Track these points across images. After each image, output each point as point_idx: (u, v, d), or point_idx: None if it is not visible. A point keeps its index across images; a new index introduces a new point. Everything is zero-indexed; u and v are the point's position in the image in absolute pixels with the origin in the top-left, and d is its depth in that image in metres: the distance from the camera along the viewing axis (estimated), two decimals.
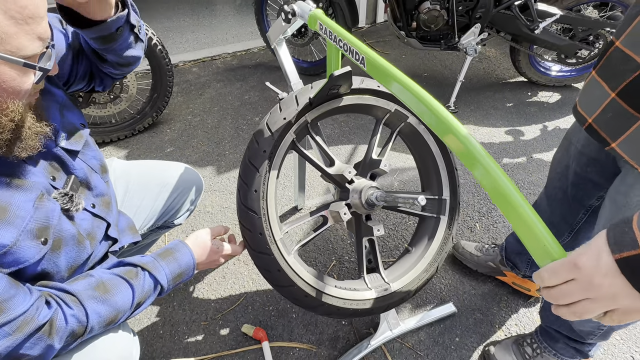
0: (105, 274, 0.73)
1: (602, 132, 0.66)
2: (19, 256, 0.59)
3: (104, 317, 0.69)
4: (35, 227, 0.61)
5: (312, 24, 0.85)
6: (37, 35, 0.51)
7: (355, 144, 2.03)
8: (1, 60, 0.47)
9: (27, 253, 0.59)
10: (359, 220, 1.03)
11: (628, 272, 0.39)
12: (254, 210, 0.88)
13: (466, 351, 1.19)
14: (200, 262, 0.89)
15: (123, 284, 0.73)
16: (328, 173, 0.99)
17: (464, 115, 2.22)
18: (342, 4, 2.09)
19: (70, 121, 0.74)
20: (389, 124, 1.09)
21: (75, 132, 0.74)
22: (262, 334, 1.21)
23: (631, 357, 1.16)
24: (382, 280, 1.04)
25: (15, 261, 0.59)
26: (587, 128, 0.70)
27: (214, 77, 2.63)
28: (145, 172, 1.10)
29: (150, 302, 0.79)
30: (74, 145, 0.73)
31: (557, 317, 0.96)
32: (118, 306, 0.71)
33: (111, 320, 0.71)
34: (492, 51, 2.84)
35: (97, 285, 0.70)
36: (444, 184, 1.10)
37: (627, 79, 0.59)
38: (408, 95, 0.64)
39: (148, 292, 0.77)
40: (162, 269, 0.80)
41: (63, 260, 0.68)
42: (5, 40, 0.47)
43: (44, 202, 0.63)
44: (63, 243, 0.66)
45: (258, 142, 0.90)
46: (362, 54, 0.71)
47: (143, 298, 0.76)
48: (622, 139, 0.63)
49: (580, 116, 0.73)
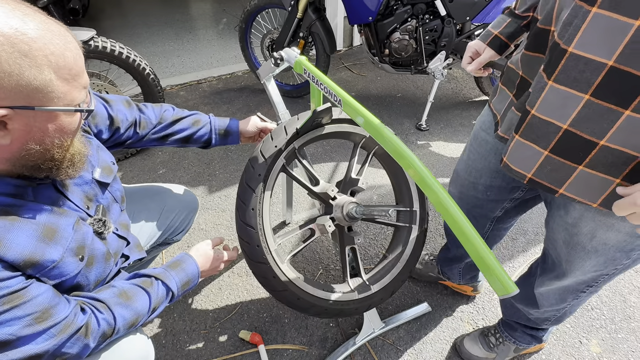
0: (125, 284, 0.86)
1: (545, 183, 0.71)
2: (63, 270, 0.71)
3: (128, 321, 0.81)
4: (75, 246, 0.73)
5: (297, 68, 1.01)
6: (82, 86, 0.63)
7: (337, 162, 2.20)
8: (62, 112, 0.61)
9: (68, 268, 0.72)
10: (342, 232, 1.19)
11: None
12: (251, 225, 1.03)
13: (440, 344, 1.35)
14: (204, 270, 1.02)
15: (141, 292, 0.85)
16: (314, 191, 1.14)
17: (434, 133, 2.43)
18: (321, 34, 2.29)
19: (103, 158, 0.88)
20: (365, 147, 1.26)
21: (107, 167, 0.88)
22: (258, 338, 1.33)
23: (579, 341, 1.34)
24: (364, 283, 1.19)
25: (60, 274, 0.70)
26: (529, 182, 0.73)
27: (202, 100, 2.77)
28: (146, 194, 1.23)
29: (164, 307, 0.91)
30: (105, 178, 0.86)
31: (514, 310, 1.14)
32: (138, 311, 0.83)
33: (133, 323, 0.83)
34: (458, 72, 3.10)
35: (120, 294, 0.82)
36: (414, 197, 1.27)
37: (554, 140, 0.65)
38: (374, 131, 0.82)
39: (162, 298, 0.89)
40: (172, 278, 0.92)
41: (93, 275, 0.80)
42: (62, 98, 0.59)
43: (80, 226, 0.75)
44: (95, 260, 0.79)
45: (254, 167, 1.05)
46: (339, 96, 0.88)
47: (158, 303, 0.88)
48: (567, 185, 0.68)
49: (518, 173, 0.75)
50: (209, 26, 4.16)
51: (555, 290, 0.98)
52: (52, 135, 0.61)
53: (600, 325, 1.38)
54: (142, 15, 4.45)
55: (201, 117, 1.15)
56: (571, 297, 0.96)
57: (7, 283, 0.60)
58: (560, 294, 0.97)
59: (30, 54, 0.53)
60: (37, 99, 0.56)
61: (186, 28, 4.09)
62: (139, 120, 1.05)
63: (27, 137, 0.59)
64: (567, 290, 0.95)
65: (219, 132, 1.15)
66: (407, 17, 2.17)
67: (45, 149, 0.62)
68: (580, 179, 0.66)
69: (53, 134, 0.61)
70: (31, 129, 0.58)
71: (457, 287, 1.48)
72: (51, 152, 0.63)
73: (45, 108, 0.57)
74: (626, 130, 0.57)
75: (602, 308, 1.44)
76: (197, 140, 1.14)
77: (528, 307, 1.08)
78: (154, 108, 1.09)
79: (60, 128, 0.62)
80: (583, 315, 1.42)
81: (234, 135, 1.16)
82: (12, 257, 0.61)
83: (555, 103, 0.63)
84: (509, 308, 1.18)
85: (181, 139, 1.12)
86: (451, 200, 0.70)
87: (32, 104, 0.56)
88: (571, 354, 1.30)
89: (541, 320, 1.10)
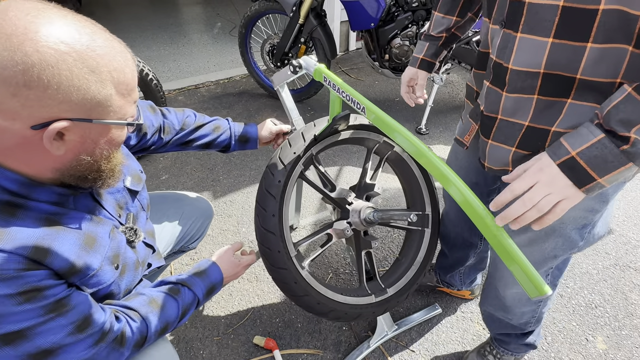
0: (154, 292, 0.86)
1: None
2: (100, 279, 0.71)
3: (158, 328, 0.81)
4: (112, 255, 0.73)
5: (317, 76, 1.03)
6: (133, 100, 0.65)
7: (340, 166, 2.23)
8: (114, 125, 0.62)
9: (106, 276, 0.72)
10: (358, 236, 1.21)
11: (566, 171, 0.60)
12: (272, 231, 1.04)
13: (452, 345, 1.37)
14: (227, 276, 1.02)
15: (170, 299, 0.85)
16: (331, 197, 1.16)
17: (434, 136, 2.47)
18: (322, 39, 2.31)
19: (132, 167, 0.89)
20: (378, 153, 1.28)
21: (136, 175, 0.89)
22: (273, 344, 1.34)
23: (585, 339, 1.38)
24: (380, 286, 1.21)
25: (97, 283, 0.71)
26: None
27: (201, 105, 2.76)
28: (164, 201, 1.23)
29: (191, 314, 0.91)
30: (135, 186, 0.87)
31: (497, 321, 1.16)
32: (167, 318, 0.83)
33: (163, 331, 0.83)
34: (455, 77, 3.16)
35: (150, 301, 0.82)
36: (426, 201, 1.30)
37: (519, 136, 0.75)
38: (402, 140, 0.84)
39: (189, 305, 0.89)
40: (197, 285, 0.92)
41: (124, 284, 0.80)
42: (117, 112, 0.60)
43: (115, 234, 0.76)
44: (127, 268, 0.79)
45: (273, 174, 1.06)
46: (363, 104, 0.89)
47: (186, 310, 0.88)
48: None
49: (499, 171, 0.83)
50: (203, 30, 4.15)
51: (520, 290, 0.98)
52: (102, 147, 0.63)
53: (605, 323, 1.43)
54: (135, 19, 4.41)
55: (221, 123, 1.17)
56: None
57: (54, 291, 0.60)
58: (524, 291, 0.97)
59: (97, 70, 0.55)
60: (96, 112, 0.58)
61: (180, 32, 4.07)
62: (163, 126, 1.06)
63: (80, 148, 0.60)
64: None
65: (239, 138, 1.18)
66: (408, 24, 2.21)
67: (95, 160, 0.63)
68: None
69: (103, 145, 0.62)
70: (85, 140, 0.60)
71: (455, 293, 1.51)
72: (99, 163, 0.64)
73: (101, 121, 0.59)
74: (570, 116, 0.68)
75: (605, 306, 1.49)
76: (217, 146, 1.17)
77: (505, 313, 1.10)
78: (176, 113, 1.11)
79: (110, 140, 0.63)
80: (588, 313, 1.46)
81: (252, 141, 1.19)
82: (58, 265, 0.61)
83: (513, 107, 0.73)
84: (490, 322, 1.21)
85: (203, 144, 1.14)
86: (480, 203, 0.73)
87: (90, 116, 0.57)
88: (579, 351, 1.34)
89: (523, 324, 1.11)
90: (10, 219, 0.58)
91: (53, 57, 0.51)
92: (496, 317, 1.14)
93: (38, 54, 0.50)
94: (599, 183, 0.59)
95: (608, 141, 0.57)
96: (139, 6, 4.86)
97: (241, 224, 1.85)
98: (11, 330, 0.57)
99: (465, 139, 0.95)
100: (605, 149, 0.57)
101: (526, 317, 1.08)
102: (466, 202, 0.73)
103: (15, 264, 0.56)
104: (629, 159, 0.56)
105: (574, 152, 0.60)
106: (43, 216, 0.62)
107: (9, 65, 0.49)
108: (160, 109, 1.08)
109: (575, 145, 0.60)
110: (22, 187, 0.60)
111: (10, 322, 0.56)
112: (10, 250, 0.55)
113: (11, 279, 0.55)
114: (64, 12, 0.55)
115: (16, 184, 0.60)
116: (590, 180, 0.59)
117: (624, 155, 0.56)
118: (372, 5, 2.13)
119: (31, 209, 0.61)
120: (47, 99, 0.52)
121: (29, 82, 0.50)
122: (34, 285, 0.57)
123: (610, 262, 1.66)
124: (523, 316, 1.08)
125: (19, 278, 0.56)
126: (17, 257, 0.56)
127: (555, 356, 1.33)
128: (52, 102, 0.53)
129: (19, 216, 0.59)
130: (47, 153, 0.57)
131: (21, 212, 0.60)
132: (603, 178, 0.59)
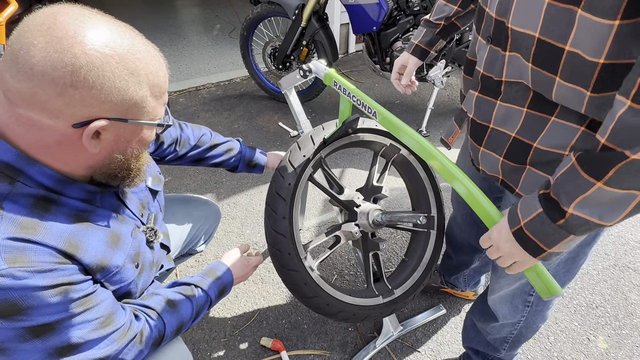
0: (168, 292, 0.86)
1: (509, 183, 0.81)
2: (123, 276, 0.72)
3: (175, 327, 0.82)
4: (133, 253, 0.75)
5: (327, 81, 1.05)
6: (164, 102, 0.67)
7: (342, 168, 2.24)
8: (147, 126, 0.65)
9: (127, 274, 0.73)
10: (366, 238, 1.22)
11: (519, 241, 0.61)
12: (282, 234, 1.05)
13: (457, 345, 1.39)
14: (237, 277, 1.03)
15: (184, 299, 0.86)
16: (339, 199, 1.17)
17: (435, 139, 2.49)
18: (324, 42, 2.33)
19: (153, 168, 0.91)
20: (384, 155, 1.30)
21: (156, 176, 0.91)
22: (280, 345, 1.35)
23: (587, 338, 1.41)
24: (387, 287, 1.23)
25: (120, 280, 0.72)
26: (501, 183, 0.82)
27: (202, 107, 2.77)
28: (173, 203, 1.23)
29: (204, 314, 0.92)
30: (156, 186, 0.89)
31: (475, 333, 1.18)
32: (182, 317, 0.84)
33: (178, 330, 0.84)
34: (455, 80, 3.19)
35: (166, 301, 0.83)
36: (432, 203, 1.31)
37: (506, 147, 0.76)
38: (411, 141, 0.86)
39: (202, 305, 0.90)
40: (210, 286, 0.93)
41: (141, 283, 0.81)
42: (150, 113, 0.63)
43: (136, 233, 0.77)
44: (145, 268, 0.80)
45: (283, 177, 1.07)
46: (374, 109, 0.91)
47: (199, 310, 0.89)
48: (520, 185, 0.78)
49: (492, 177, 0.84)
50: (202, 32, 4.15)
51: (504, 296, 0.99)
52: (134, 146, 0.65)
53: (605, 323, 1.46)
54: (132, 20, 4.37)
55: (234, 145, 1.22)
56: (520, 303, 0.97)
57: (82, 286, 0.62)
58: (511, 300, 0.98)
59: (136, 72, 0.58)
60: (132, 113, 0.60)
61: (179, 34, 4.07)
62: (179, 139, 1.09)
63: (114, 147, 0.63)
64: (515, 295, 0.96)
65: (247, 162, 1.23)
66: (409, 27, 2.24)
67: (126, 158, 0.66)
68: (527, 178, 0.75)
69: (134, 145, 0.65)
70: (119, 139, 0.62)
71: (459, 294, 1.53)
72: (129, 162, 0.67)
73: (136, 121, 0.61)
74: (550, 134, 0.68)
75: (606, 306, 1.52)
76: (226, 166, 1.22)
77: (487, 322, 1.10)
78: (193, 129, 1.14)
79: (141, 140, 0.66)
80: (589, 313, 1.49)
81: (259, 167, 1.25)
82: (87, 261, 0.63)
83: (504, 117, 0.74)
84: (469, 331, 1.22)
85: (214, 163, 1.19)
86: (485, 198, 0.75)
87: (126, 116, 0.60)
88: (580, 350, 1.37)
89: (499, 341, 1.11)
90: (45, 214, 0.60)
91: (99, 60, 0.54)
92: (477, 327, 1.16)
93: (86, 56, 0.53)
94: (552, 252, 0.59)
95: (545, 216, 0.56)
96: (136, 8, 4.85)
97: (245, 226, 1.85)
98: (43, 322, 0.58)
99: (449, 140, 0.97)
100: (544, 223, 0.57)
101: (504, 332, 1.07)
102: (471, 196, 0.75)
103: (50, 256, 0.57)
104: (568, 232, 0.56)
105: (522, 223, 0.60)
106: (73, 212, 0.64)
107: (59, 66, 0.52)
108: (178, 122, 1.11)
109: (524, 216, 0.60)
110: (56, 183, 0.62)
111: (43, 314, 0.57)
112: (47, 243, 0.57)
113: (46, 271, 0.56)
114: (107, 17, 0.59)
115: (52, 180, 0.61)
116: (541, 251, 0.59)
117: (562, 229, 0.56)
118: (374, 9, 2.16)
119: (63, 205, 0.63)
120: (91, 98, 0.55)
121: (75, 82, 0.53)
122: (66, 279, 0.59)
123: (610, 263, 1.69)
124: (502, 330, 1.07)
125: (53, 271, 0.57)
126: (52, 250, 0.58)
127: (558, 355, 1.36)
128: (95, 102, 0.55)
129: (52, 211, 0.61)
130: (83, 151, 0.60)
131: (54, 207, 0.62)
132: (552, 249, 0.59)
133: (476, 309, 1.18)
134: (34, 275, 0.55)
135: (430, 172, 1.31)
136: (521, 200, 0.62)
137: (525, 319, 1.01)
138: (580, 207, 0.53)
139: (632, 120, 0.46)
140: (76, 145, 0.59)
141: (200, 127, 1.17)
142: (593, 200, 0.51)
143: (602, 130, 0.50)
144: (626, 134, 0.47)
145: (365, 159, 2.32)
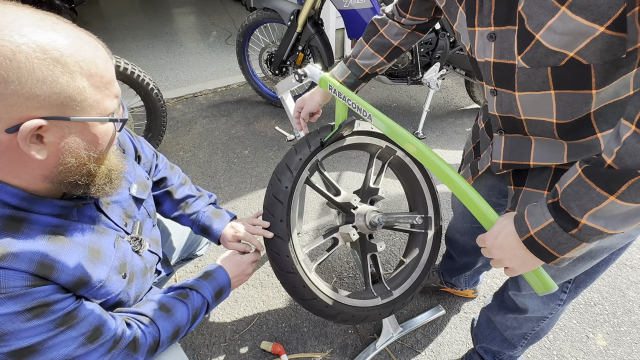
0: (163, 297, 0.86)
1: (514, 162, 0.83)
2: (109, 289, 0.71)
3: (170, 333, 0.82)
4: (118, 264, 0.74)
5: (322, 85, 1.06)
6: (113, 95, 0.60)
7: (340, 171, 2.25)
8: (96, 122, 0.59)
9: (114, 286, 0.72)
10: (363, 239, 1.23)
11: (530, 248, 0.62)
12: (280, 236, 1.05)
13: (457, 345, 1.40)
14: (233, 276, 1.00)
15: (179, 303, 0.86)
16: (336, 202, 1.18)
17: (431, 140, 2.51)
18: (320, 47, 2.35)
19: (139, 174, 0.89)
20: (381, 158, 1.31)
21: (142, 183, 0.89)
22: (280, 348, 1.35)
23: (586, 336, 1.41)
24: (385, 288, 1.23)
25: (106, 293, 0.71)
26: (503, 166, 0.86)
27: (199, 113, 2.78)
28: None
29: (202, 318, 0.92)
30: (141, 194, 0.87)
31: (489, 331, 1.17)
32: (179, 322, 0.84)
33: (175, 335, 0.83)
34: (449, 82, 3.22)
35: (160, 307, 0.83)
36: (428, 204, 1.32)
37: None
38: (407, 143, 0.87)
39: (199, 308, 0.90)
40: (205, 288, 0.93)
41: (133, 291, 0.80)
42: (95, 107, 0.57)
43: (120, 243, 0.76)
44: (135, 276, 0.80)
45: (280, 180, 1.08)
46: (369, 112, 0.92)
47: (196, 314, 0.89)
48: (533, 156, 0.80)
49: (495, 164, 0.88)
50: (199, 39, 4.18)
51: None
52: (88, 147, 0.59)
53: (604, 320, 1.46)
54: (130, 28, 4.43)
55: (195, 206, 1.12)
56: (554, 299, 0.96)
57: (62, 304, 0.61)
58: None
59: (62, 60, 0.51)
60: (71, 108, 0.54)
61: (176, 41, 4.09)
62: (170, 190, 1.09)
63: (62, 150, 0.57)
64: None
65: (200, 228, 1.11)
66: None
67: (81, 162, 0.60)
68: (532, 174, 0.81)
69: (88, 145, 0.59)
70: (67, 141, 0.56)
71: (459, 293, 1.54)
72: (87, 166, 0.61)
73: (80, 118, 0.56)
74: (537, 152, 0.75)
75: (604, 303, 1.52)
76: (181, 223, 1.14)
77: (508, 314, 1.09)
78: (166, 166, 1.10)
79: (95, 139, 0.60)
80: (587, 311, 1.49)
81: (212, 236, 1.11)
82: (64, 280, 0.61)
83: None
84: (483, 328, 1.21)
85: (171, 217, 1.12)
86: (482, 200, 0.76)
87: (66, 114, 0.54)
88: (580, 348, 1.37)
89: (518, 337, 1.11)
90: (16, 234, 0.57)
91: (8, 49, 0.47)
92: (493, 322, 1.15)
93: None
94: (564, 258, 0.60)
95: (557, 225, 0.57)
96: (133, 16, 4.88)
97: None
98: (21, 346, 0.57)
99: (469, 180, 0.99)
100: (556, 232, 0.57)
101: (525, 328, 1.07)
102: (467, 197, 0.76)
103: (21, 281, 0.55)
104: (580, 240, 0.56)
105: (532, 232, 0.60)
106: (47, 229, 0.62)
107: None
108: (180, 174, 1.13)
109: (533, 225, 0.60)
110: (23, 201, 0.59)
111: (20, 339, 0.56)
112: (16, 267, 0.55)
113: (18, 296, 0.55)
114: (20, 6, 0.52)
115: (17, 198, 0.59)
116: (553, 257, 0.60)
117: (575, 238, 0.56)
118: (369, 14, 2.18)
119: (35, 223, 0.60)
120: (12, 96, 0.49)
121: None
122: (41, 301, 0.57)
123: None
124: (525, 324, 1.07)
125: (26, 295, 0.56)
126: (23, 274, 0.56)
127: (557, 354, 1.36)
128: (18, 100, 0.49)
129: (23, 231, 0.58)
130: (29, 159, 0.55)
131: (25, 226, 0.59)
132: (565, 255, 0.59)
133: (494, 304, 1.17)
134: (6, 301, 0.54)
135: (426, 173, 1.32)
136: (527, 208, 0.63)
137: (552, 315, 1.01)
138: (593, 218, 0.53)
139: (637, 147, 0.47)
140: (19, 153, 0.53)
141: (173, 166, 1.12)
142: (606, 212, 0.52)
143: (607, 151, 0.51)
144: (632, 159, 0.48)
145: (362, 161, 2.33)
